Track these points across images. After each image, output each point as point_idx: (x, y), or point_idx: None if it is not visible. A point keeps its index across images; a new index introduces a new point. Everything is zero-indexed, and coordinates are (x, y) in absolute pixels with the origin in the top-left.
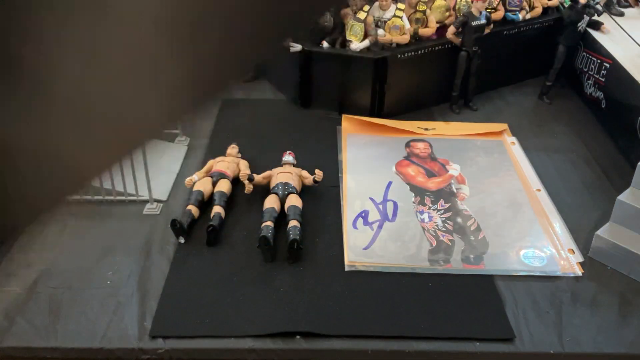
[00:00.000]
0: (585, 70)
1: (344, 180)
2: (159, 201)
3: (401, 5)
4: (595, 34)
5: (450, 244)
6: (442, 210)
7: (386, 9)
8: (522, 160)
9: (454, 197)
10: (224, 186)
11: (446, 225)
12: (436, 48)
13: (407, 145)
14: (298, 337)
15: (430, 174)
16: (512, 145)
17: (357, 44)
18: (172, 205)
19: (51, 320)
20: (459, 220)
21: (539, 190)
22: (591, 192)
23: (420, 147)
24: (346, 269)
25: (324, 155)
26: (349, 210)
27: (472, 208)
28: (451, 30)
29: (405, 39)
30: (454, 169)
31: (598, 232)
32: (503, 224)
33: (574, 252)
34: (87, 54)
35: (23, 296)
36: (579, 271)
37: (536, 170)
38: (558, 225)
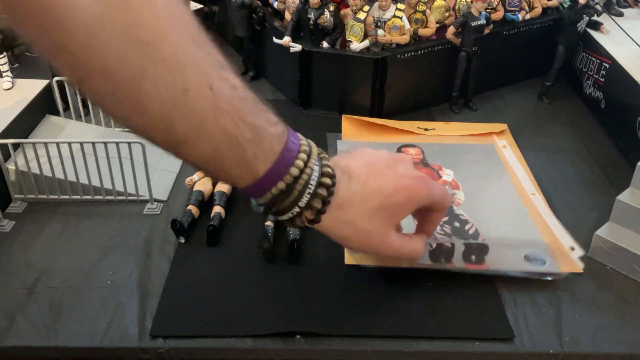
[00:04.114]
0: (585, 70)
1: None
2: (159, 201)
3: (401, 6)
4: (594, 34)
5: (450, 246)
6: None
7: (386, 9)
8: (517, 163)
9: None
10: (224, 186)
11: (444, 229)
12: (436, 48)
13: (399, 150)
14: (298, 337)
15: None
16: (504, 149)
17: (357, 44)
18: (172, 205)
19: (51, 320)
20: (457, 224)
21: (536, 192)
22: (590, 192)
23: (411, 153)
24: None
25: None
26: None
27: (469, 212)
28: (451, 30)
29: (405, 39)
30: (447, 175)
31: (597, 231)
32: (501, 227)
33: (573, 251)
34: None
35: (23, 296)
36: (578, 271)
37: (535, 170)
38: (557, 225)
